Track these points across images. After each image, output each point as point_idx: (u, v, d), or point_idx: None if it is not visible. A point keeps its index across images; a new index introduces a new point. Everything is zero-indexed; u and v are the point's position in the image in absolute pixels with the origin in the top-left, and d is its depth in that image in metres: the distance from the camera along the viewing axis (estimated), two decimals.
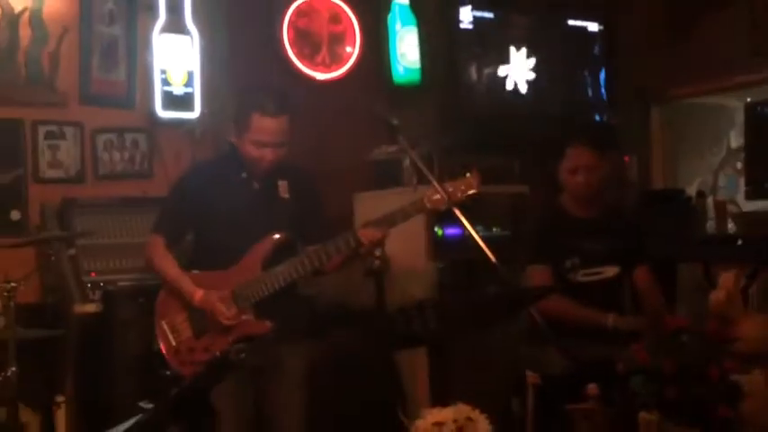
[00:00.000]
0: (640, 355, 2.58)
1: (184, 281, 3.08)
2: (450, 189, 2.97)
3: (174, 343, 3.08)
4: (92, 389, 3.71)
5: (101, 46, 4.42)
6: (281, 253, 3.10)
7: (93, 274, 3.95)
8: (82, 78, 4.36)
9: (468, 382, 3.91)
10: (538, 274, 3.48)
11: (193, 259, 3.20)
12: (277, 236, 3.08)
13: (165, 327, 3.09)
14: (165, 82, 4.47)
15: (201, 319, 3.06)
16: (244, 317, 3.04)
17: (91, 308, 3.81)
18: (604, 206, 3.63)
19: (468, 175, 3.02)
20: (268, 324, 3.05)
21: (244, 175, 3.16)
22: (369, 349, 4.01)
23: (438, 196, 2.99)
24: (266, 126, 3.04)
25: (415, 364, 4.05)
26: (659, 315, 3.27)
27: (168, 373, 3.06)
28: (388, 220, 3.06)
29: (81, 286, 3.91)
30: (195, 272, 3.13)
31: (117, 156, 4.45)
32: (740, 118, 5.38)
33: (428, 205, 3.03)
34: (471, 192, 3.00)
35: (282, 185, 3.17)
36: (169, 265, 3.12)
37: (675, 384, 2.48)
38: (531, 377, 3.26)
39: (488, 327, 3.18)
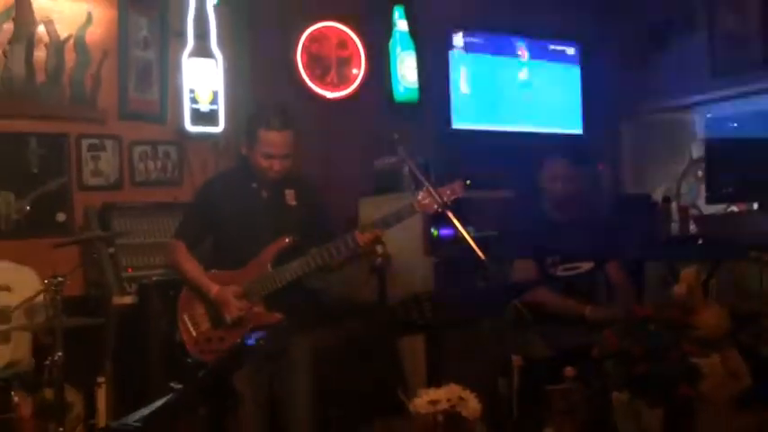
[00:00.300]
0: (610, 340, 2.58)
1: (203, 279, 3.10)
2: (438, 193, 2.98)
3: (194, 334, 3.09)
4: (129, 371, 3.71)
5: (136, 69, 4.43)
6: (288, 253, 3.10)
7: (129, 270, 3.97)
8: (120, 97, 4.38)
9: (460, 365, 3.92)
10: (524, 268, 3.49)
11: (212, 260, 3.21)
12: (285, 239, 3.09)
13: (186, 320, 3.11)
14: (193, 100, 4.49)
15: (218, 313, 3.07)
16: (255, 309, 3.04)
17: (128, 299, 3.83)
18: (581, 209, 3.64)
19: (454, 182, 3.03)
20: (278, 315, 3.05)
21: (254, 185, 3.17)
22: (372, 337, 4.02)
23: (427, 200, 2.99)
24: (272, 139, 3.07)
25: (414, 350, 4.05)
26: (629, 305, 3.28)
27: (189, 360, 3.07)
28: (383, 223, 3.06)
29: (119, 280, 3.92)
30: (214, 271, 3.14)
31: (151, 165, 4.47)
32: (701, 132, 5.39)
33: (418, 208, 3.03)
34: (455, 196, 3.01)
35: (289, 194, 3.19)
36: (190, 266, 3.15)
37: (643, 366, 2.49)
38: (516, 360, 3.27)
39: (478, 316, 3.18)
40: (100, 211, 4.11)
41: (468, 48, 5.26)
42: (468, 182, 3.03)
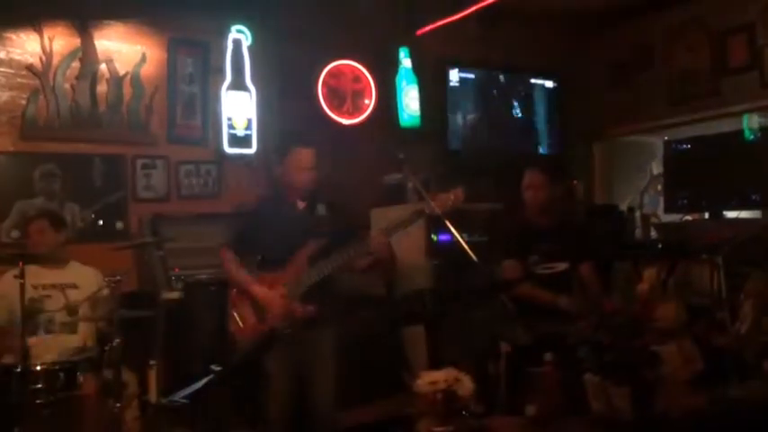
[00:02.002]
0: (585, 332, 2.57)
1: (253, 284, 3.09)
2: (442, 199, 2.98)
3: (242, 326, 3.09)
4: (176, 355, 3.71)
5: (183, 100, 4.46)
6: (320, 255, 3.09)
7: (176, 270, 3.99)
8: (169, 124, 4.41)
9: (456, 351, 3.92)
10: (510, 268, 3.46)
11: (258, 264, 3.20)
12: (313, 243, 3.08)
13: (236, 316, 3.10)
14: (231, 126, 4.50)
15: (262, 309, 3.07)
16: (294, 305, 3.04)
17: (175, 295, 3.85)
18: (558, 217, 3.61)
19: (455, 190, 3.02)
20: (312, 308, 3.04)
21: (291, 201, 3.17)
22: (381, 326, 4.01)
23: (430, 207, 2.98)
24: (305, 154, 3.09)
25: (416, 338, 4.04)
26: (599, 300, 3.26)
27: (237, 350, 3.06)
28: (392, 229, 3.05)
29: (167, 279, 3.94)
30: (264, 274, 3.13)
31: (194, 181, 4.48)
32: (660, 152, 5.37)
33: (427, 211, 3.02)
34: (458, 200, 3.00)
35: (320, 206, 3.19)
36: (240, 273, 3.13)
37: (612, 353, 2.48)
38: (504, 347, 3.26)
39: (471, 309, 3.16)
40: (151, 220, 4.13)
41: (461, 82, 5.26)
42: (455, 190, 3.01)
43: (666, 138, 5.25)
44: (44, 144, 4.05)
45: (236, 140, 4.52)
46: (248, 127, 4.56)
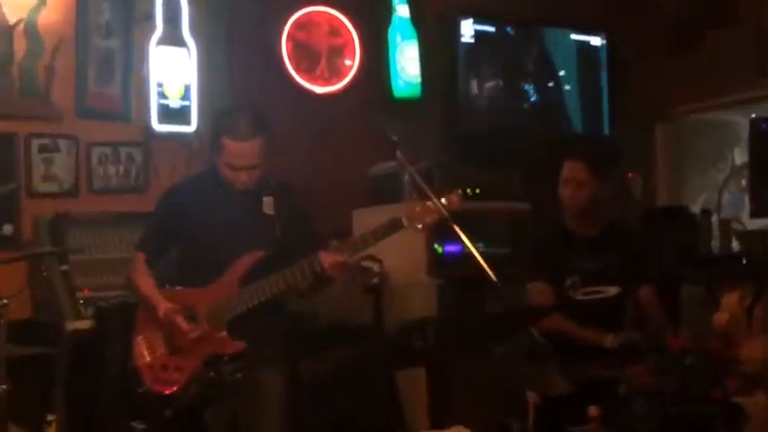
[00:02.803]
0: (643, 378, 2.57)
1: (154, 296, 3.08)
2: (429, 207, 2.95)
3: (148, 359, 3.07)
4: (84, 407, 3.69)
5: (97, 58, 4.43)
6: (264, 271, 3.07)
7: (86, 291, 3.95)
8: (77, 91, 4.37)
9: (468, 403, 3.92)
10: (538, 292, 3.48)
11: (177, 275, 3.20)
12: (256, 254, 3.06)
13: (142, 342, 3.09)
14: (162, 95, 4.48)
15: (176, 337, 3.05)
16: (217, 335, 3.02)
17: (84, 324, 3.81)
18: (607, 223, 3.62)
19: (451, 192, 2.99)
20: (240, 344, 3.02)
21: (225, 191, 3.15)
22: (366, 368, 4.00)
23: (419, 214, 2.95)
24: (237, 150, 3.02)
25: (414, 384, 4.04)
26: (662, 336, 3.27)
27: (141, 390, 3.05)
28: (355, 244, 3.00)
29: (74, 302, 3.90)
30: (178, 288, 3.12)
31: (112, 170, 4.46)
32: (745, 134, 5.39)
33: (406, 224, 2.98)
34: (453, 209, 2.97)
35: (267, 202, 3.15)
36: (144, 282, 3.13)
37: (678, 406, 2.48)
38: (532, 398, 3.27)
39: (488, 346, 3.17)
40: (52, 221, 4.09)
41: (478, 38, 5.27)
42: (468, 190, 3.00)
43: (754, 115, 5.28)
44: None
45: (170, 114, 4.50)
46: (185, 96, 4.54)
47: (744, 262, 4.58)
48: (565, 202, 3.54)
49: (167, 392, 3.01)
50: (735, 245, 5.07)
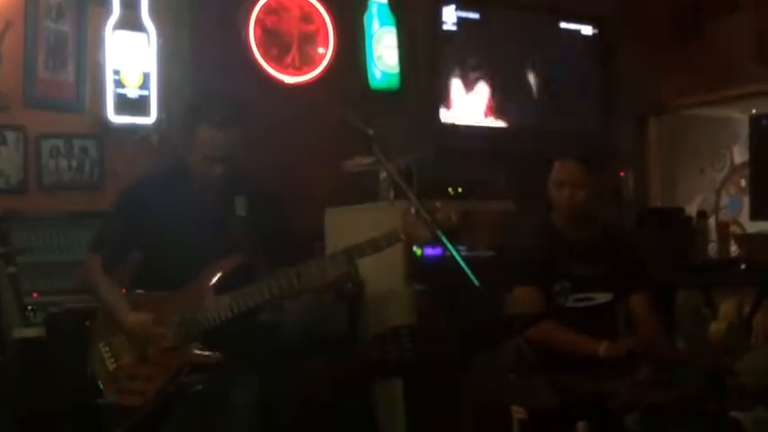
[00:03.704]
0: (635, 391, 2.60)
1: (119, 302, 3.06)
2: (440, 212, 2.97)
3: (111, 368, 3.05)
4: (34, 422, 3.67)
5: (47, 43, 4.40)
6: (237, 275, 3.09)
7: (35, 295, 3.93)
8: (26, 78, 4.34)
9: (448, 417, 3.94)
10: (525, 298, 3.50)
11: (139, 279, 3.18)
12: (235, 257, 3.07)
13: (103, 350, 3.07)
14: (119, 83, 4.46)
15: (144, 345, 3.04)
16: (192, 345, 3.02)
17: (32, 332, 3.77)
18: (598, 226, 3.65)
19: (447, 204, 3.02)
20: (217, 355, 3.02)
21: (195, 187, 3.15)
22: (340, 381, 4.01)
23: (417, 227, 2.97)
24: (214, 138, 3.03)
25: (391, 397, 4.05)
26: (656, 346, 3.30)
27: (100, 401, 3.03)
28: (355, 251, 3.02)
29: (21, 308, 3.87)
30: (140, 292, 3.11)
31: (64, 164, 4.43)
32: (744, 131, 5.44)
33: (402, 237, 3.01)
34: (451, 223, 3.00)
35: (240, 201, 3.15)
36: (103, 286, 3.11)
37: (672, 421, 2.51)
38: (517, 412, 3.28)
39: (471, 357, 3.18)
40: None
41: (461, 26, 5.29)
42: (449, 188, 3.02)
43: (755, 111, 5.33)
44: None
45: (127, 104, 4.49)
46: (144, 85, 4.53)
47: (743, 267, 4.61)
48: (561, 206, 3.54)
49: (132, 404, 3.00)
50: (733, 249, 5.12)
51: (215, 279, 3.04)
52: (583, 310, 3.47)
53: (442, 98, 5.25)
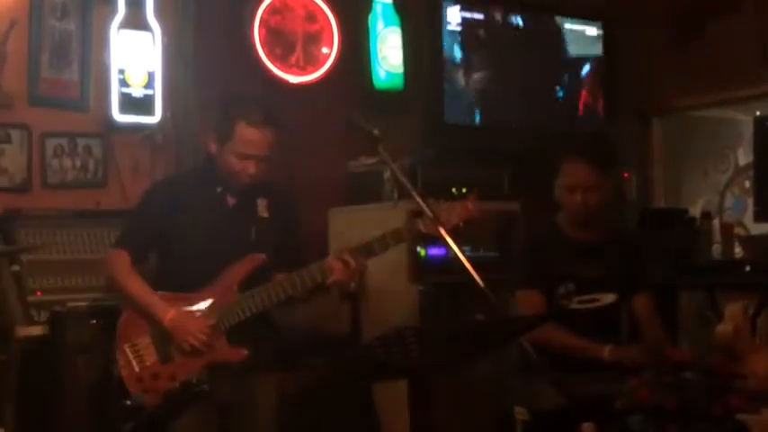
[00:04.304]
0: (641, 393, 2.59)
1: (155, 299, 3.08)
2: (444, 213, 2.98)
3: (137, 369, 3.06)
4: (37, 422, 3.67)
5: (52, 41, 4.39)
6: (257, 276, 3.11)
7: (38, 294, 3.93)
8: (30, 77, 4.34)
9: (452, 418, 3.94)
10: (528, 301, 3.49)
11: (158, 280, 3.19)
12: (258, 257, 3.09)
13: (128, 351, 3.08)
14: (123, 83, 4.45)
15: (167, 344, 3.05)
16: (219, 342, 3.04)
17: (36, 331, 3.78)
18: (603, 227, 3.64)
19: (465, 198, 3.04)
20: (244, 351, 3.04)
21: (219, 189, 3.17)
22: (342, 381, 4.00)
23: (424, 224, 2.99)
24: (252, 136, 3.09)
25: (394, 398, 4.05)
26: (660, 348, 3.29)
27: (129, 402, 3.04)
28: (363, 250, 3.06)
29: (25, 307, 3.88)
30: (161, 293, 3.11)
31: (68, 163, 4.43)
32: (748, 132, 5.44)
33: (408, 235, 3.04)
34: (467, 217, 3.02)
35: (262, 204, 3.19)
36: (136, 283, 3.12)
37: (677, 424, 2.50)
38: (520, 413, 3.28)
39: (474, 358, 3.18)
40: (1, 219, 4.06)
41: (465, 26, 5.29)
42: (453, 188, 3.05)
43: (758, 113, 5.33)
44: None
45: (132, 104, 4.48)
46: (149, 84, 4.52)
47: (747, 269, 4.61)
48: (573, 210, 3.50)
49: (156, 404, 3.01)
50: (737, 251, 5.11)
51: (241, 277, 3.06)
52: (588, 311, 3.46)
53: (446, 98, 5.24)
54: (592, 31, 5.72)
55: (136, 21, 4.49)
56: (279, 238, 3.17)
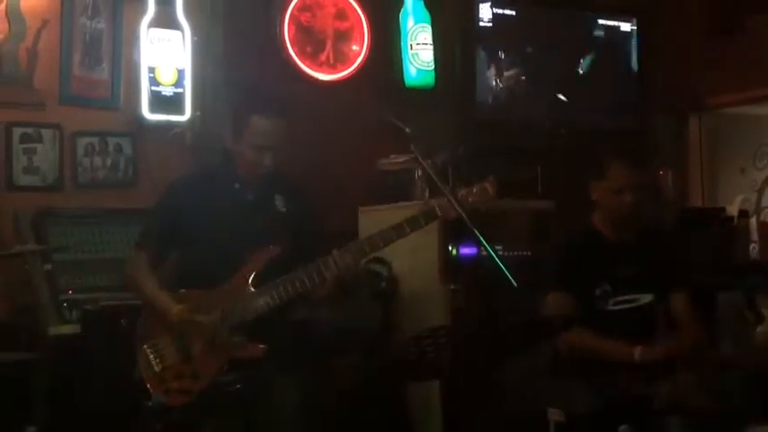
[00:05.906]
0: (678, 395, 2.56)
1: (160, 297, 3.09)
2: (461, 197, 2.97)
3: (157, 369, 3.07)
4: (68, 419, 3.69)
5: (83, 41, 4.43)
6: (275, 270, 3.10)
7: (70, 292, 3.96)
8: (62, 76, 4.37)
9: (484, 420, 3.92)
10: (558, 304, 3.44)
11: (180, 278, 3.21)
12: (273, 248, 3.08)
13: (148, 351, 3.09)
14: (153, 81, 4.48)
15: (188, 342, 3.06)
16: (236, 339, 3.04)
17: (68, 329, 3.82)
18: (643, 226, 3.59)
19: (485, 182, 3.01)
20: (261, 347, 3.04)
21: (237, 185, 3.19)
22: (374, 381, 4.00)
23: (439, 205, 2.97)
24: (267, 126, 3.12)
25: (426, 400, 4.03)
26: (698, 348, 3.26)
27: (150, 404, 3.05)
28: (366, 246, 3.05)
29: (57, 305, 3.91)
30: (182, 291, 3.13)
31: (99, 162, 4.46)
32: None
33: (439, 213, 3.01)
34: (485, 199, 3.00)
35: (279, 199, 3.21)
36: (148, 283, 3.15)
37: (716, 426, 2.47)
38: (555, 415, 3.25)
39: (507, 358, 3.16)
40: (34, 218, 4.10)
41: (497, 22, 5.26)
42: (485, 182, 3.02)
43: None
44: None
45: (162, 102, 4.50)
46: (179, 83, 4.54)
47: None
48: (623, 211, 3.44)
49: (179, 404, 3.02)
50: None
51: (254, 270, 3.07)
52: (626, 311, 3.42)
53: (478, 95, 5.22)
54: (626, 26, 5.67)
55: (166, 19, 4.51)
56: (297, 233, 3.17)
